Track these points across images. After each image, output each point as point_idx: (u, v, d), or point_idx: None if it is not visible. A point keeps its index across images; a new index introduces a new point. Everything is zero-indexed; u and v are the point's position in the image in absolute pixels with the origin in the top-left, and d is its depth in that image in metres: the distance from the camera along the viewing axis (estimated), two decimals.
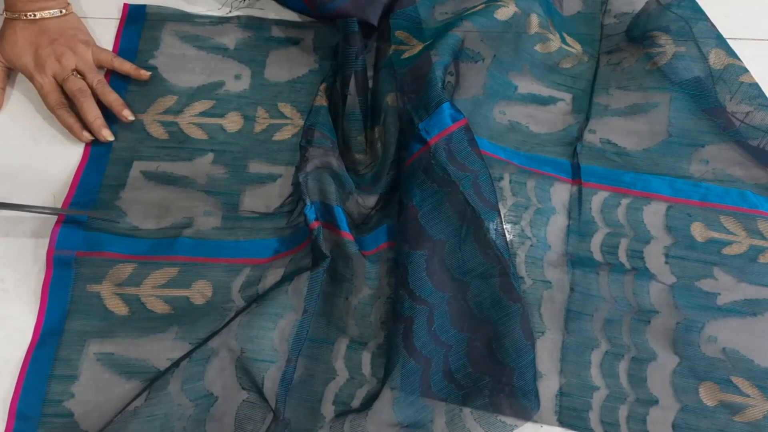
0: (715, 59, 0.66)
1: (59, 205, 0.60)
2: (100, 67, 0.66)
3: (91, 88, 0.63)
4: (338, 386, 0.54)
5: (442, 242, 0.56)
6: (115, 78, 0.67)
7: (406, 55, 0.65)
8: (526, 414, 0.53)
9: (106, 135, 0.63)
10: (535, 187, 0.63)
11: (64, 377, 0.53)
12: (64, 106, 0.62)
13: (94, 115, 0.62)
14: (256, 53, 0.69)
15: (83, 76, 0.64)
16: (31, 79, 0.63)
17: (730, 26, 0.68)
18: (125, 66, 0.66)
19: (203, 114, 0.66)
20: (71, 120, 0.62)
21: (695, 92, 0.66)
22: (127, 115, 0.64)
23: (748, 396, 0.54)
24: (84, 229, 0.59)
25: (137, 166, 0.63)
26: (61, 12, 0.64)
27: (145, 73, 0.66)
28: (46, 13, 0.63)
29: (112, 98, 0.64)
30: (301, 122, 0.66)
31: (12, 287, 0.57)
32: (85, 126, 0.62)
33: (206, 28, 0.70)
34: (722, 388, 0.55)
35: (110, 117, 0.64)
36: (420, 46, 0.65)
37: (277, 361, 0.53)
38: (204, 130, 0.65)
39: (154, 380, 0.52)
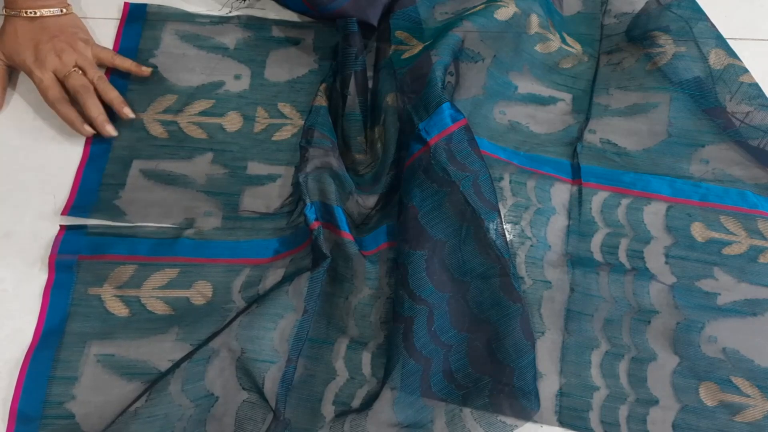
0: (715, 59, 0.66)
1: (60, 206, 0.60)
2: (100, 65, 0.66)
3: (92, 84, 0.63)
4: (338, 386, 0.54)
5: (442, 242, 0.56)
6: (116, 76, 0.67)
7: (406, 55, 0.65)
8: (526, 414, 0.53)
9: (110, 130, 0.62)
10: (535, 187, 0.63)
11: (64, 378, 0.53)
12: (65, 100, 0.62)
13: (97, 111, 0.62)
14: (256, 53, 0.69)
15: (84, 73, 0.63)
16: (30, 74, 0.63)
17: (730, 26, 0.68)
18: (126, 63, 0.66)
19: (203, 113, 0.66)
20: (73, 114, 0.62)
21: (695, 92, 0.66)
22: (128, 112, 0.63)
23: (748, 396, 0.54)
24: (87, 233, 0.59)
25: (136, 165, 0.63)
26: (61, 11, 0.64)
27: (146, 70, 0.66)
28: (46, 11, 0.63)
29: (113, 95, 0.63)
30: (301, 122, 0.66)
31: (12, 288, 0.57)
32: (87, 121, 0.62)
33: (206, 28, 0.70)
34: (722, 388, 0.55)
35: (110, 114, 0.64)
36: (420, 46, 0.65)
37: (277, 361, 0.53)
38: (204, 129, 0.65)
39: (154, 381, 0.53)
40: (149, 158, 0.63)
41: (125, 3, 0.71)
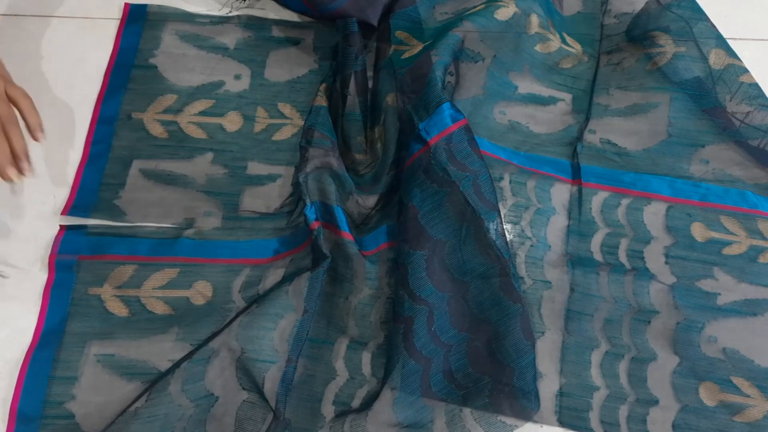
0: (715, 59, 0.66)
1: (60, 206, 0.60)
2: (11, 100, 0.55)
3: None
4: (338, 386, 0.54)
5: (442, 242, 0.56)
6: (117, 74, 0.67)
7: (406, 55, 0.65)
8: (526, 414, 0.53)
9: (11, 175, 0.51)
10: (535, 187, 0.63)
11: (64, 378, 0.53)
12: None
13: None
14: (256, 53, 0.69)
15: None
16: None
17: (730, 26, 0.68)
18: (31, 116, 0.55)
19: (203, 113, 0.66)
20: None
21: (695, 92, 0.66)
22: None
23: (748, 396, 0.54)
24: (87, 233, 0.59)
25: (136, 165, 0.63)
26: None
27: (40, 136, 0.55)
28: None
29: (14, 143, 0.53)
30: (301, 122, 0.66)
31: (12, 288, 0.57)
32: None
33: (207, 28, 0.70)
34: (722, 388, 0.55)
35: (117, 113, 0.64)
36: (420, 46, 0.65)
37: (277, 361, 0.53)
38: (203, 129, 0.65)
39: (154, 381, 0.53)
40: (149, 158, 0.63)
41: (125, 3, 0.71)
